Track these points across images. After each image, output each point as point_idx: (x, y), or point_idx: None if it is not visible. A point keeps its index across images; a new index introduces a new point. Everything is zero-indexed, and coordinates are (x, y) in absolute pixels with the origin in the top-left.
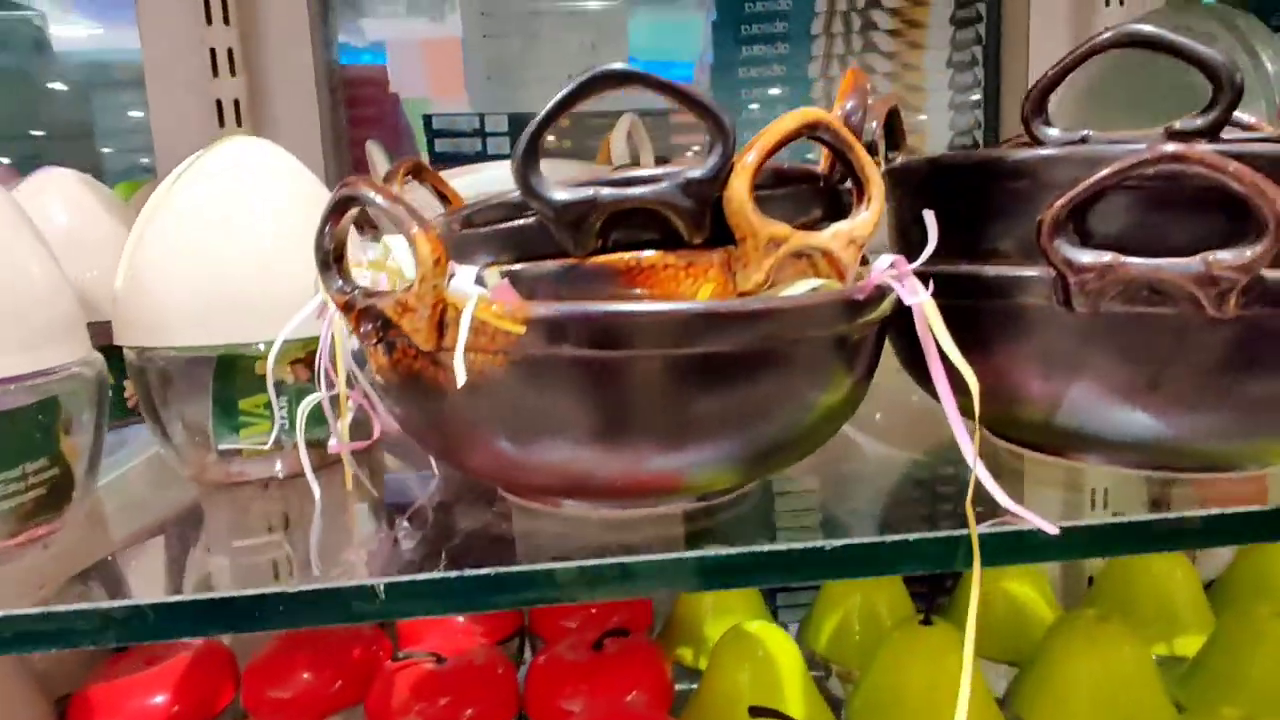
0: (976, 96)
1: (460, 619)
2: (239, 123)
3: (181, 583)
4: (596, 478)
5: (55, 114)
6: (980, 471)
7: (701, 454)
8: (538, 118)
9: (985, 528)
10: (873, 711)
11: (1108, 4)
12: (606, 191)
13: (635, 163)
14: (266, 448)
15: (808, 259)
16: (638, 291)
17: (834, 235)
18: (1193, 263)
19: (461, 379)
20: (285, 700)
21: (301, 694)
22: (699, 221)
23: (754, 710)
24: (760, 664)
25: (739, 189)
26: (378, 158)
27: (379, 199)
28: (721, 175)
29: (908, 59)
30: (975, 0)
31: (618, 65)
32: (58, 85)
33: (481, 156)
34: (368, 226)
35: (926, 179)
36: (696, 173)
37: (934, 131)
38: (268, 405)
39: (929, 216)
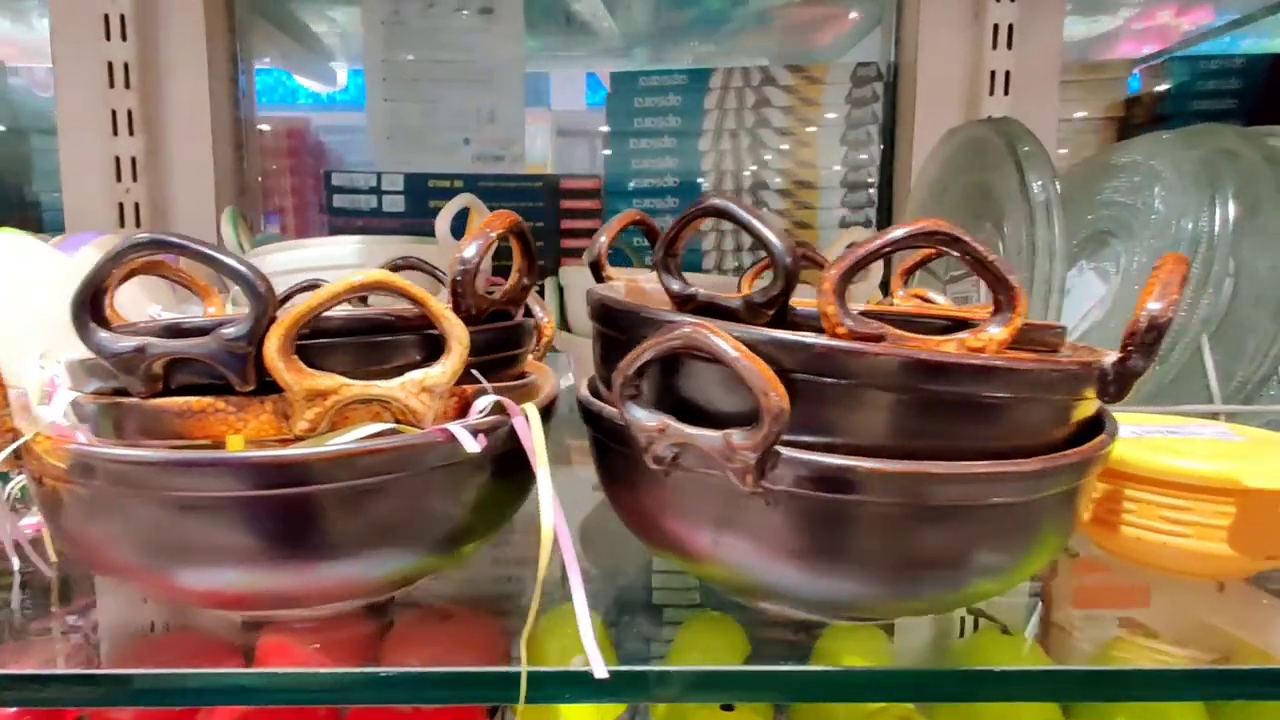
0: (872, 177)
1: None
2: (134, 178)
3: None
4: (168, 593)
5: None
6: (580, 606)
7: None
8: (89, 274)
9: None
10: None
11: (991, 93)
12: (156, 342)
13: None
14: None
15: (381, 404)
16: (194, 429)
17: (401, 385)
18: (717, 436)
19: None
20: None
21: None
22: (243, 373)
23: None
24: None
25: (270, 348)
26: (226, 229)
27: None
28: (256, 334)
29: (802, 136)
30: (872, 80)
31: (162, 234)
32: None
33: (377, 213)
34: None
35: (600, 312)
36: (231, 331)
37: (826, 208)
38: None
39: (477, 375)
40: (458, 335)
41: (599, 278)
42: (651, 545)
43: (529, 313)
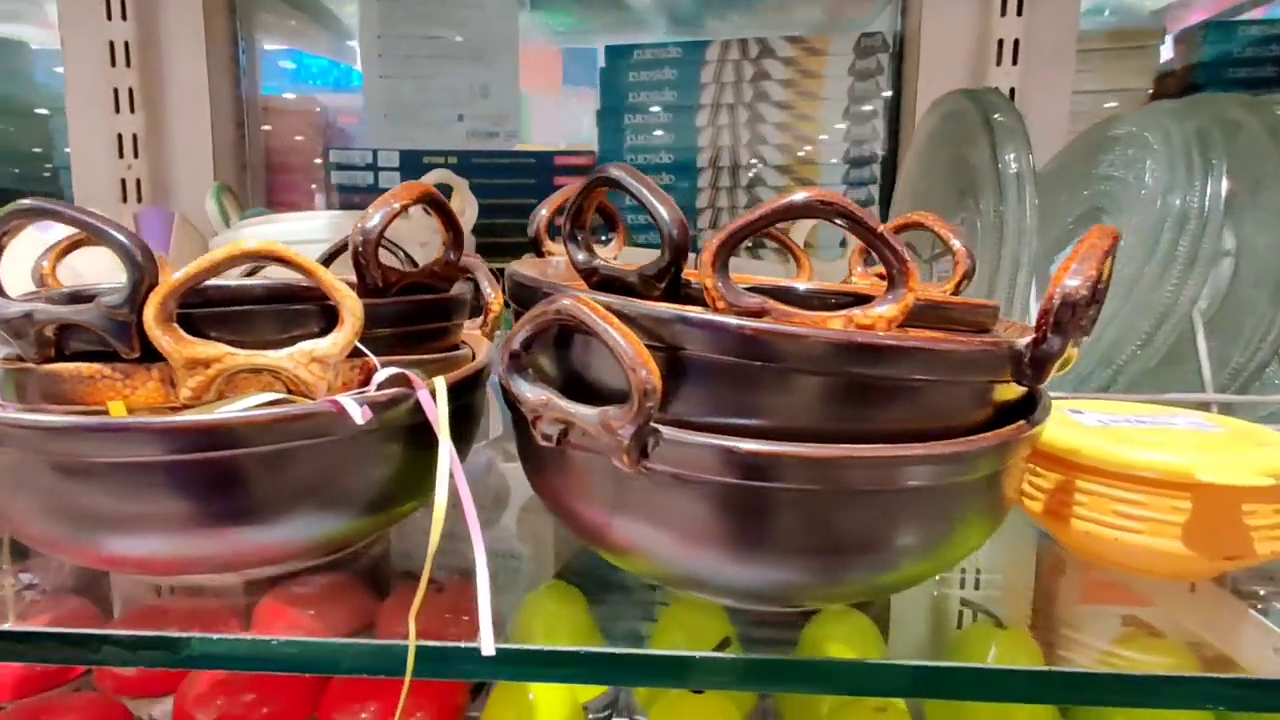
0: (875, 149)
1: None
2: (136, 155)
3: None
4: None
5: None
6: (481, 580)
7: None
8: None
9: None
10: None
11: (999, 63)
12: (42, 308)
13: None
14: None
15: (272, 374)
16: (86, 394)
17: (290, 356)
18: (594, 414)
19: None
20: None
21: None
22: (126, 340)
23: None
24: (531, 705)
25: (148, 316)
26: (209, 204)
27: None
28: (135, 301)
29: (802, 109)
30: (877, 51)
31: (44, 202)
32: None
33: (374, 189)
34: None
35: (511, 287)
36: (111, 298)
37: (827, 185)
38: None
39: (362, 349)
40: (350, 306)
41: (539, 252)
42: (565, 526)
43: (478, 289)
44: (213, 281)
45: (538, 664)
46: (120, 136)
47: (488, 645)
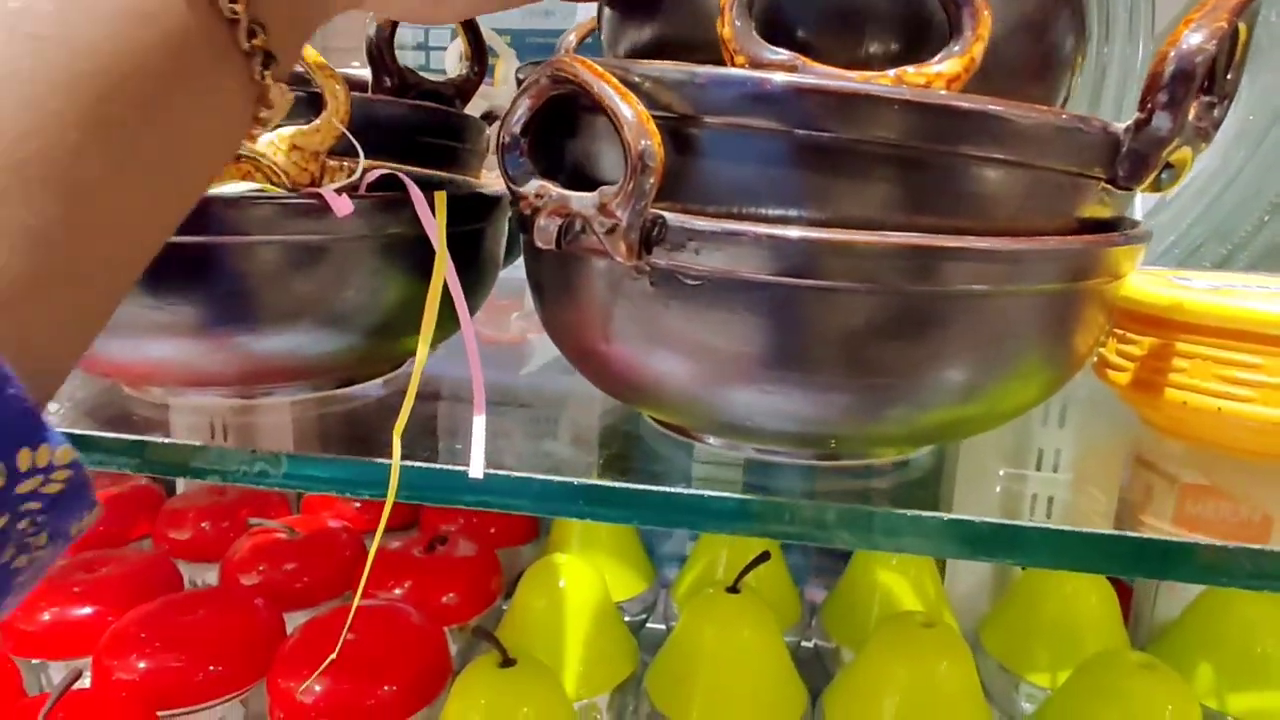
0: None
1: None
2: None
3: None
4: None
5: None
6: (478, 406)
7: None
8: None
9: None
10: (671, 673)
11: None
12: None
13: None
14: None
15: (251, 161)
16: None
17: (269, 142)
18: (592, 196)
19: None
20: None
21: None
22: None
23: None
24: (561, 593)
25: None
26: None
27: None
28: None
29: None
30: None
31: None
32: None
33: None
34: None
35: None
36: None
37: None
38: None
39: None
40: (333, 90)
41: None
42: (577, 368)
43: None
44: None
45: (528, 495)
46: None
47: (476, 468)
